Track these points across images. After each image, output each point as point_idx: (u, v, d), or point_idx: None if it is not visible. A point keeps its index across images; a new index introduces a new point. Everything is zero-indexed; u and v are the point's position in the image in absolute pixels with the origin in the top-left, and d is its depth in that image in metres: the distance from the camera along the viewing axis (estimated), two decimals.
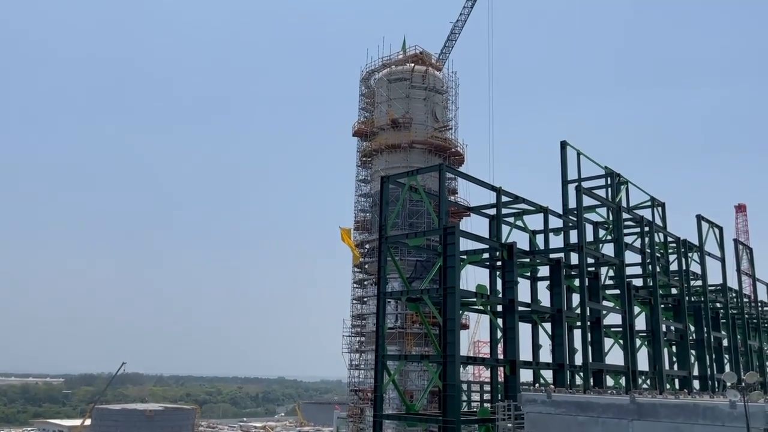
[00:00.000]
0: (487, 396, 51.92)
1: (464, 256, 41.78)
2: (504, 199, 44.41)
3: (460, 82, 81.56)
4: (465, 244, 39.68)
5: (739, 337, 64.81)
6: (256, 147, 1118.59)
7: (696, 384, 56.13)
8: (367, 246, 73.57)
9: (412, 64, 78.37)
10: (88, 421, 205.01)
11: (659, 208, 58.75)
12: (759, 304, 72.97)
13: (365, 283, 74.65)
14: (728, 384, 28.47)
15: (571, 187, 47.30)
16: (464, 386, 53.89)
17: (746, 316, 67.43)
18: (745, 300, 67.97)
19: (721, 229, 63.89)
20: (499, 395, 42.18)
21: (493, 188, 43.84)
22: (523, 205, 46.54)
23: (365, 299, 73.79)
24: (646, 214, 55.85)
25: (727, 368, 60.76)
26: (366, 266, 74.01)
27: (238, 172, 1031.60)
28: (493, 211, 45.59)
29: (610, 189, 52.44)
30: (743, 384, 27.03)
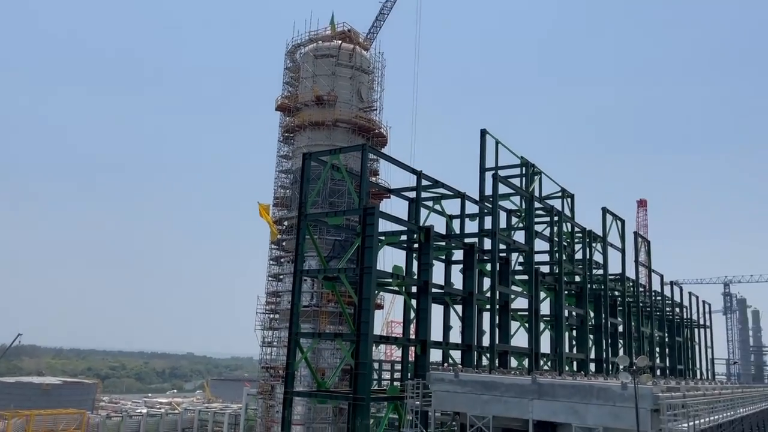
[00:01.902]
0: (397, 375, 53.01)
1: (382, 237, 42.21)
2: (424, 182, 45.08)
3: (387, 63, 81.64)
4: (384, 225, 40.10)
5: (633, 323, 69.38)
6: (178, 114, 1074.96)
7: (592, 366, 59.75)
8: (286, 223, 72.76)
9: (340, 42, 77.60)
10: None
11: (569, 199, 61.61)
12: (653, 293, 78.32)
13: (282, 260, 73.94)
14: (621, 367, 30.50)
15: (488, 175, 48.70)
16: (376, 365, 54.84)
17: (641, 304, 72.24)
18: (640, 289, 72.69)
19: (623, 222, 67.82)
20: (409, 374, 43.16)
21: (413, 171, 44.40)
22: (441, 190, 47.45)
23: (281, 277, 73.14)
24: (557, 204, 58.48)
25: (621, 352, 65.02)
26: (284, 243, 73.27)
27: (157, 139, 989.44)
28: (412, 194, 46.21)
29: (524, 178, 54.44)
30: (635, 367, 29.04)
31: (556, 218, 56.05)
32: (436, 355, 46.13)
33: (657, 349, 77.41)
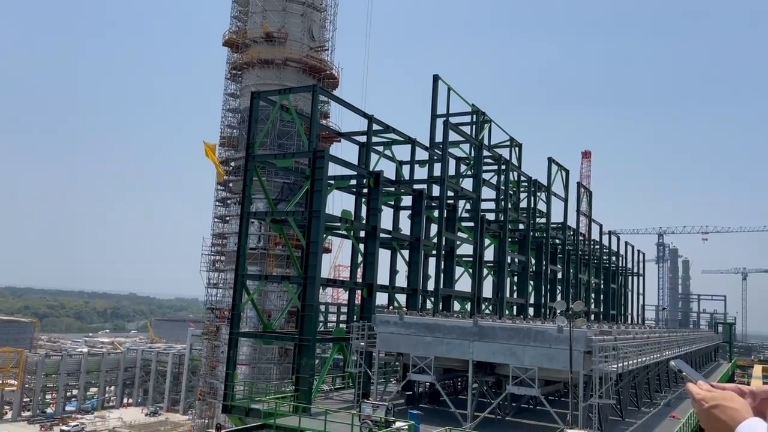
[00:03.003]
0: (343, 317, 53.78)
1: (332, 181, 41.94)
2: (375, 127, 44.70)
3: (339, 1, 79.28)
4: (333, 169, 39.79)
5: (571, 270, 72.14)
6: (122, 45, 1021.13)
7: (531, 311, 62.14)
8: (233, 164, 71.25)
9: None
10: None
11: (516, 149, 62.45)
12: (592, 242, 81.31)
13: (229, 201, 72.74)
14: (558, 311, 31.79)
15: (439, 122, 48.67)
16: (322, 307, 55.36)
17: (580, 252, 74.99)
18: (580, 238, 75.32)
19: (567, 171, 69.46)
20: (355, 317, 43.86)
21: (365, 115, 43.90)
22: (392, 135, 47.22)
23: (228, 218, 72.12)
24: (505, 153, 59.21)
25: (559, 298, 67.77)
26: (230, 185, 71.93)
27: (105, 75, 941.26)
28: (363, 139, 45.84)
29: (474, 126, 54.68)
30: (571, 312, 30.33)
31: (503, 167, 56.86)
32: (382, 298, 47.00)
33: (593, 296, 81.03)
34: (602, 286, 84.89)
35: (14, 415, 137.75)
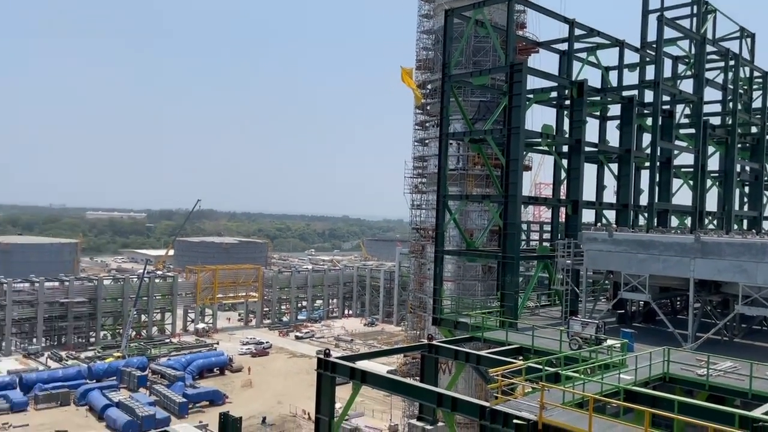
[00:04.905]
0: (546, 236, 52.79)
1: (531, 95, 40.31)
2: (577, 32, 41.53)
3: None
4: (532, 82, 38.08)
5: None
6: None
7: (766, 225, 55.08)
8: (429, 86, 71.71)
9: None
10: (171, 252, 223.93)
11: (748, 40, 53.85)
12: None
13: (427, 124, 73.91)
14: None
15: (652, 18, 43.65)
16: (524, 226, 54.79)
17: None
18: None
19: None
20: (559, 235, 42.79)
21: (565, 20, 40.89)
22: (597, 39, 43.56)
23: (427, 141, 73.55)
24: (733, 46, 51.41)
25: None
26: (428, 107, 72.79)
27: (297, 6, 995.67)
28: (564, 46, 42.99)
29: (695, 19, 48.10)
30: None
31: (731, 62, 49.61)
32: (587, 216, 44.95)
33: None
34: None
35: (257, 322, 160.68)
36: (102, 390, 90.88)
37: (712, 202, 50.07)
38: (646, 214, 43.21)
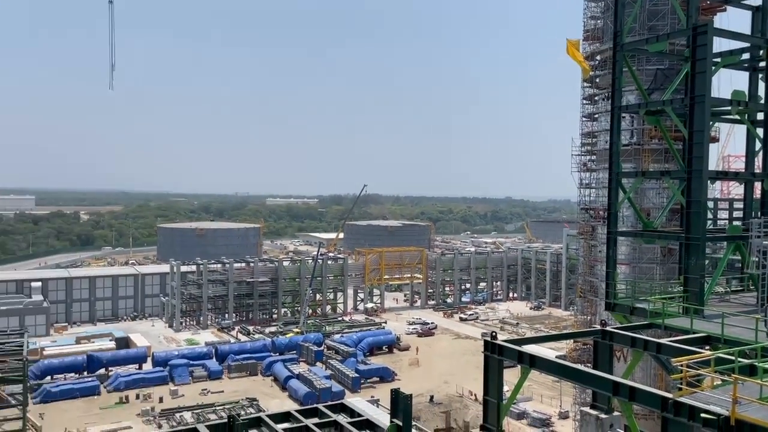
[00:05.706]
0: (737, 214, 47.67)
1: (718, 59, 36.33)
2: None
3: None
4: (719, 45, 34.27)
5: None
6: None
7: None
8: (599, 57, 67.65)
9: None
10: (341, 235, 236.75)
11: None
12: None
13: (596, 98, 70.01)
14: None
15: None
16: (710, 204, 49.82)
17: None
18: None
19: None
20: (754, 213, 38.42)
21: None
22: None
23: (596, 116, 69.73)
24: None
25: None
26: (597, 80, 68.81)
27: None
28: (757, 1, 38.09)
29: None
30: None
31: None
32: None
33: None
34: None
35: (422, 303, 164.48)
36: (284, 362, 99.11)
37: None
38: None
